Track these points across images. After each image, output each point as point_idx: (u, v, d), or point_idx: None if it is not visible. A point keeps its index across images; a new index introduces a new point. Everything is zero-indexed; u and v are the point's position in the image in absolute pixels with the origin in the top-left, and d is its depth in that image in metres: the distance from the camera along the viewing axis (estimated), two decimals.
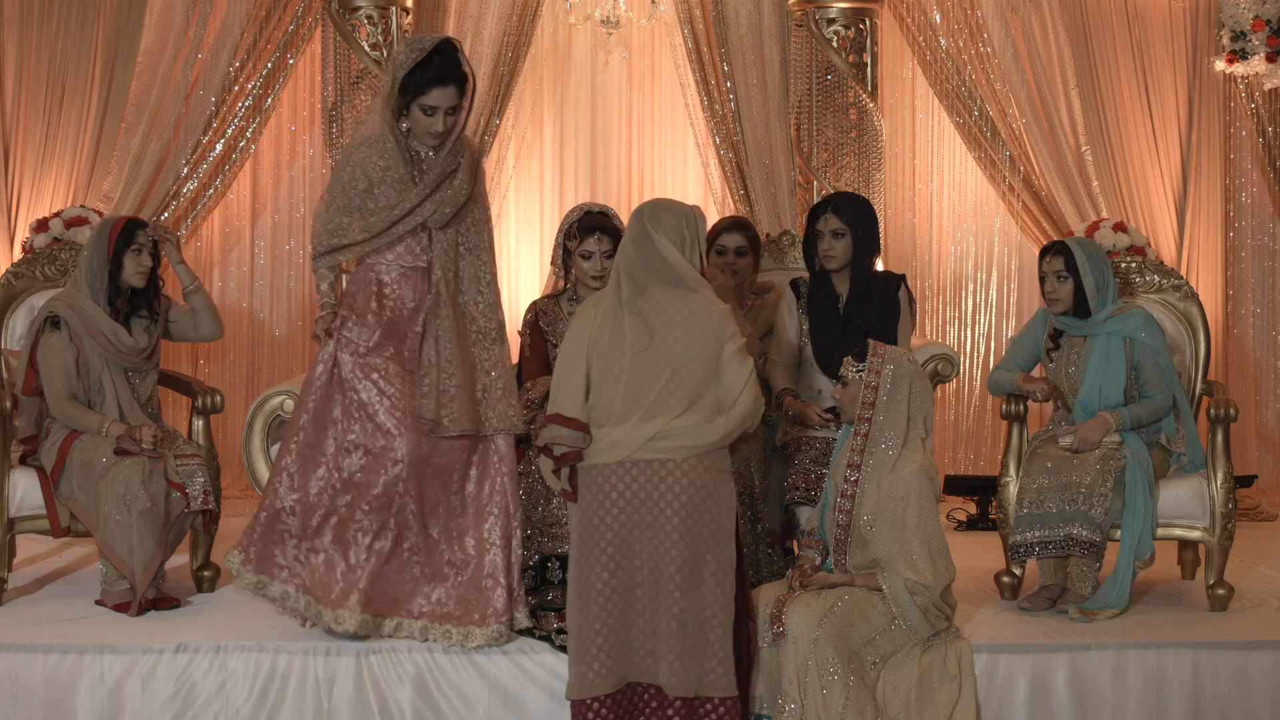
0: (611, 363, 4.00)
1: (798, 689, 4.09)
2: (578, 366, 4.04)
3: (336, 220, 4.54)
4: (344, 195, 4.52)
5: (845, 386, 4.36)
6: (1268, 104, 7.37)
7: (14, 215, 6.95)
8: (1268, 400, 7.65)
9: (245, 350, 7.56)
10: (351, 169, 4.52)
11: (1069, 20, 7.19)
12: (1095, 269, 5.06)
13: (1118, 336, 5.05)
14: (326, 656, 4.49)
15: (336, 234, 4.54)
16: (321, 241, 4.56)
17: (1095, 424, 4.96)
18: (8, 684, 4.44)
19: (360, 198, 4.53)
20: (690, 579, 3.96)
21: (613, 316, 4.04)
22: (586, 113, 7.67)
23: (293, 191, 7.53)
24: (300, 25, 7.07)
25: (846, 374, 4.36)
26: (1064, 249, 5.10)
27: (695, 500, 3.95)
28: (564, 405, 4.03)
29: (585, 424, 4.00)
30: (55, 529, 5.03)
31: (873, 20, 7.10)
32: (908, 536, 4.23)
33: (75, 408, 4.98)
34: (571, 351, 4.08)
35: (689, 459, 3.96)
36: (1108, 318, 5.06)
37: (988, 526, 6.59)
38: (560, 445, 4.02)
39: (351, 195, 4.52)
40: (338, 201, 4.53)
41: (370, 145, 4.52)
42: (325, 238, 4.55)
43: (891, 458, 4.28)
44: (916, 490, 4.23)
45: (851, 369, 4.34)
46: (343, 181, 4.52)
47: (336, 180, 4.55)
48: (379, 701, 4.47)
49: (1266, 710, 4.61)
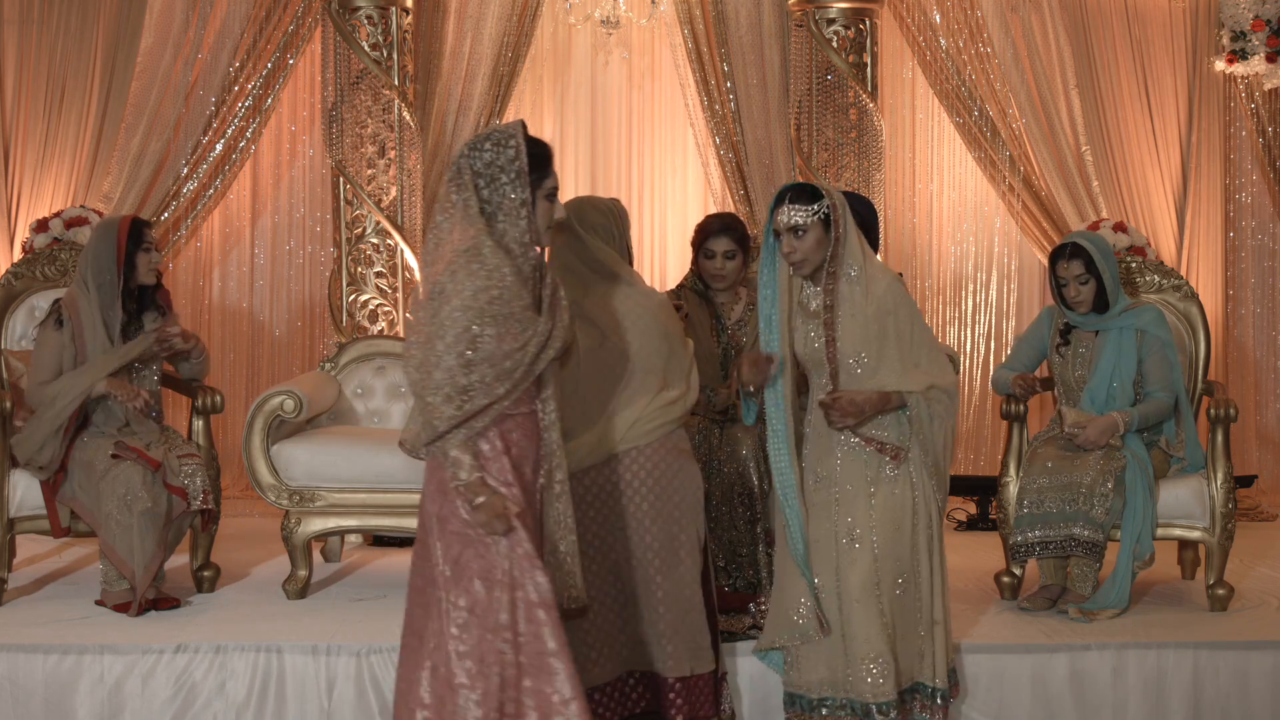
0: (567, 364, 3.97)
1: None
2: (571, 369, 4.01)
3: (464, 378, 3.33)
4: (473, 345, 3.33)
5: (804, 234, 3.95)
6: (1268, 104, 7.37)
7: (14, 215, 6.95)
8: (1268, 400, 7.65)
9: (245, 350, 7.56)
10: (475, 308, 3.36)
11: (1069, 20, 7.19)
12: (1109, 264, 5.08)
13: (1130, 330, 5.06)
14: (327, 657, 4.49)
15: (470, 393, 3.34)
16: (445, 413, 3.33)
17: (1105, 426, 4.95)
18: (8, 684, 4.44)
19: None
20: (668, 560, 3.99)
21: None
22: (586, 113, 7.67)
23: (293, 191, 7.54)
24: (300, 25, 7.07)
25: (800, 220, 3.94)
26: (1080, 251, 5.06)
27: (663, 483, 4.00)
28: None
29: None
30: (55, 529, 5.04)
31: (873, 20, 7.10)
32: (908, 347, 4.02)
33: (52, 385, 4.94)
34: None
35: (652, 444, 4.00)
36: (1121, 312, 5.08)
37: (988, 526, 6.59)
38: None
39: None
40: (464, 354, 3.34)
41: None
42: (454, 404, 3.34)
43: (858, 282, 4.00)
44: (898, 299, 4.02)
45: (804, 212, 3.94)
46: (460, 326, 3.33)
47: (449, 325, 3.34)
48: (379, 701, 4.47)
49: (1266, 710, 4.61)
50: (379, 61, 6.75)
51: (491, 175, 3.39)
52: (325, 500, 5.22)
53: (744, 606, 4.66)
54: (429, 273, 3.39)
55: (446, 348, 3.28)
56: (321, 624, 4.77)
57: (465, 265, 3.31)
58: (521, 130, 3.44)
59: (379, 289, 6.85)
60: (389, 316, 6.84)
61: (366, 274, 6.84)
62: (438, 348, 3.28)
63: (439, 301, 3.31)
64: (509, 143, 3.40)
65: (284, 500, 5.22)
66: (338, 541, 5.89)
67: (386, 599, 5.16)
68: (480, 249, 3.33)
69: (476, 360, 3.30)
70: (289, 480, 5.21)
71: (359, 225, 6.84)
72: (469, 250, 3.33)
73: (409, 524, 5.25)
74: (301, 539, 5.20)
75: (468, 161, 3.41)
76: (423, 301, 3.36)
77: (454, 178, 3.43)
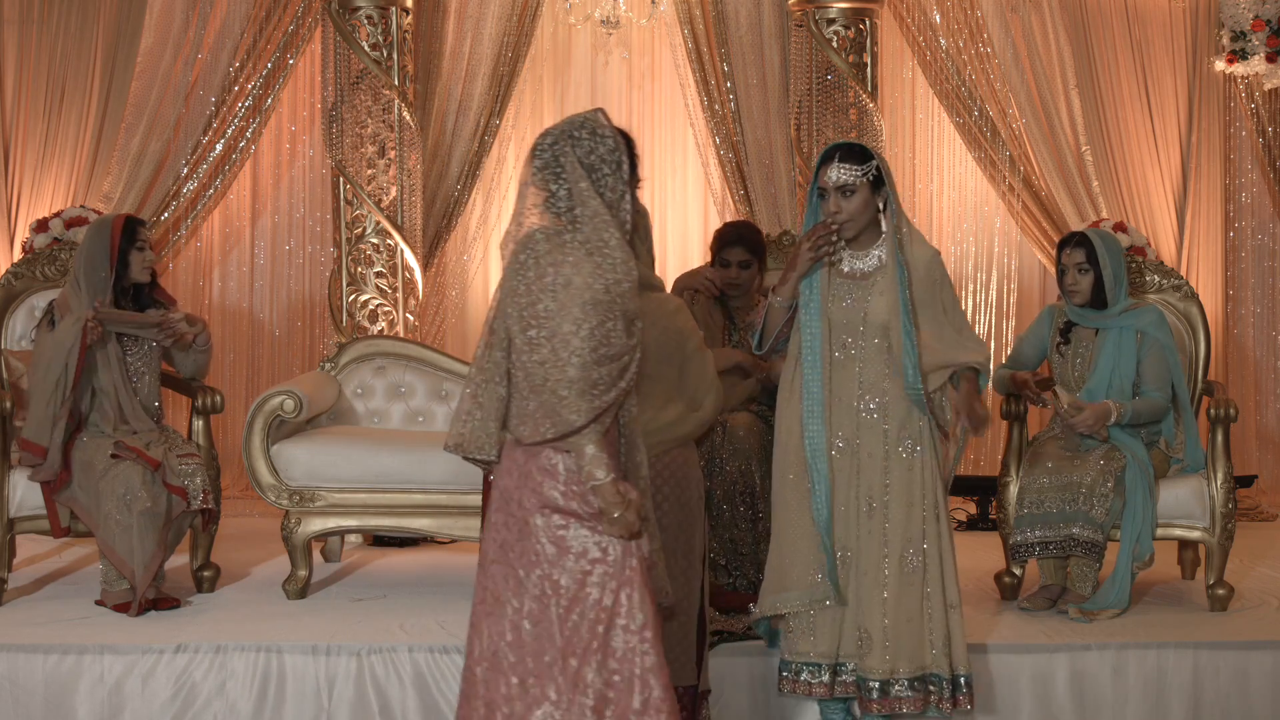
0: None
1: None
2: None
3: (595, 372, 3.22)
4: (605, 340, 3.23)
5: (852, 194, 3.91)
6: (1268, 104, 7.37)
7: (14, 215, 6.95)
8: (1268, 400, 7.65)
9: (245, 350, 7.56)
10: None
11: (1069, 20, 7.18)
12: (1114, 261, 5.10)
13: (1130, 330, 5.07)
14: (327, 656, 4.49)
15: (600, 388, 3.25)
16: (581, 406, 3.20)
17: (1100, 411, 4.95)
18: (8, 684, 4.44)
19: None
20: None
21: None
22: None
23: (293, 191, 7.54)
24: (300, 25, 7.06)
25: (849, 179, 3.90)
26: (1085, 241, 5.13)
27: (665, 490, 3.96)
28: None
29: None
30: (55, 529, 5.03)
31: (873, 20, 7.10)
32: (957, 320, 4.03)
33: (41, 347, 4.95)
34: None
35: (659, 455, 3.94)
36: (1122, 312, 5.09)
37: (988, 526, 6.58)
38: None
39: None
40: (598, 349, 3.24)
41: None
42: (588, 399, 3.20)
43: (904, 245, 3.98)
44: (942, 272, 4.02)
45: (855, 171, 3.91)
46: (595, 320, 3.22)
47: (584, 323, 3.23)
48: (379, 701, 4.47)
49: (1266, 710, 4.61)
50: (379, 61, 6.74)
51: (592, 165, 3.29)
52: (325, 500, 5.22)
53: (744, 606, 4.64)
54: (540, 263, 3.24)
55: (581, 341, 3.17)
56: (321, 624, 4.77)
57: (591, 258, 3.22)
58: (609, 120, 3.35)
59: (379, 289, 6.84)
60: (389, 316, 6.84)
61: (366, 274, 6.84)
62: (572, 342, 3.17)
63: (567, 294, 3.19)
64: (604, 133, 3.31)
65: (284, 500, 5.22)
66: (338, 541, 5.89)
67: (386, 599, 5.16)
68: (608, 242, 3.24)
69: (607, 356, 3.21)
70: (289, 480, 5.21)
71: (359, 225, 6.84)
72: (596, 243, 3.24)
73: (409, 524, 5.27)
74: (301, 539, 5.20)
75: (568, 149, 3.28)
76: (541, 290, 3.22)
77: (548, 166, 3.29)
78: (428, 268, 7.08)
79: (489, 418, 3.31)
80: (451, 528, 5.25)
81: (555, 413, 3.18)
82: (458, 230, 7.24)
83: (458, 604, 5.00)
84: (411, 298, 6.90)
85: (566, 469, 3.26)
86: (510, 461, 3.32)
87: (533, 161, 3.32)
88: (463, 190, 7.14)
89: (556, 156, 3.29)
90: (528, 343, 3.22)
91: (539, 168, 3.31)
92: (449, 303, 7.29)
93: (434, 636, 4.61)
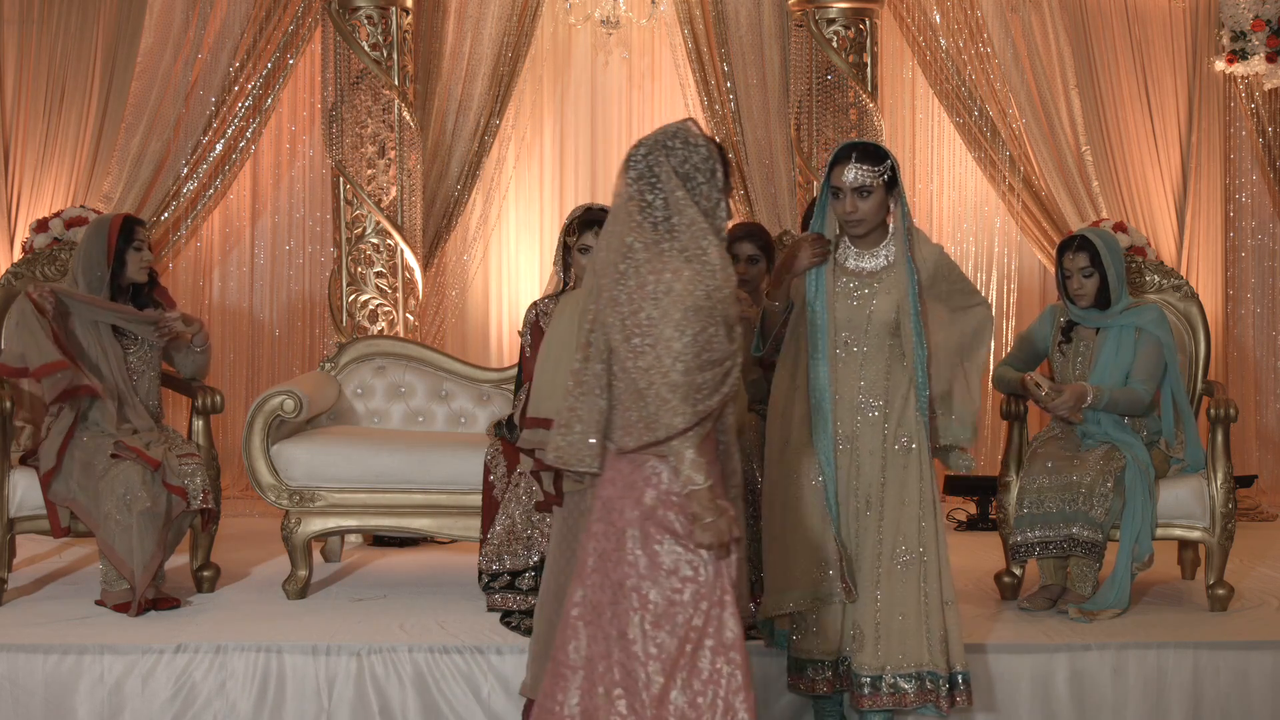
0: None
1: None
2: (566, 369, 3.76)
3: (698, 376, 3.26)
4: (708, 346, 3.29)
5: (869, 195, 3.92)
6: (1268, 104, 7.37)
7: (14, 215, 6.95)
8: (1268, 400, 7.65)
9: (245, 350, 7.56)
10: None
11: (1069, 20, 7.18)
12: (1116, 261, 5.10)
13: (1130, 329, 5.07)
14: (327, 656, 4.49)
15: (703, 392, 3.27)
16: (684, 410, 3.23)
17: (1077, 392, 4.94)
18: (8, 684, 4.44)
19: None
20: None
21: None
22: (586, 113, 7.67)
23: (293, 191, 7.54)
24: (300, 25, 7.06)
25: (867, 180, 3.92)
26: (1087, 244, 5.11)
27: None
28: (558, 409, 3.75)
29: None
30: (55, 529, 5.03)
31: (873, 20, 7.10)
32: (958, 291, 4.06)
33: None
34: (556, 352, 3.91)
35: None
36: (1123, 310, 5.09)
37: (988, 526, 6.58)
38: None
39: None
40: (701, 354, 3.28)
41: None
42: (690, 403, 3.24)
43: (914, 243, 4.01)
44: (949, 264, 4.05)
45: (871, 172, 3.93)
46: (698, 326, 3.27)
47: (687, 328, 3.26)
48: (379, 701, 4.47)
49: (1266, 710, 4.61)
50: (379, 61, 6.74)
51: (687, 174, 3.31)
52: (325, 500, 5.22)
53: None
54: (640, 272, 3.25)
55: (684, 347, 3.19)
56: (321, 624, 4.77)
57: (690, 265, 3.25)
58: (700, 129, 3.37)
59: (379, 289, 6.84)
60: (389, 316, 6.84)
61: (366, 274, 6.84)
62: (674, 347, 3.19)
63: (669, 301, 3.21)
64: (697, 142, 3.33)
65: (284, 500, 5.22)
66: (338, 541, 5.89)
67: (386, 599, 5.16)
68: (706, 250, 3.27)
69: (709, 361, 3.24)
70: (289, 480, 5.21)
71: (359, 225, 6.84)
72: (695, 250, 3.27)
73: (409, 524, 5.27)
74: (301, 539, 5.20)
75: (663, 159, 3.30)
76: (643, 298, 3.24)
77: (643, 177, 3.31)
78: (428, 268, 7.08)
79: (589, 431, 3.33)
80: (451, 528, 5.25)
81: (657, 417, 3.19)
82: (458, 230, 7.24)
83: (458, 604, 5.01)
84: (411, 298, 6.90)
85: (669, 480, 3.27)
86: (614, 471, 3.34)
87: (627, 173, 3.34)
88: (463, 190, 7.14)
89: (651, 166, 3.31)
90: (631, 351, 3.24)
91: (634, 178, 3.32)
92: (449, 303, 7.30)
93: (434, 636, 4.61)
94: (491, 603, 4.83)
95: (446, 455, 5.23)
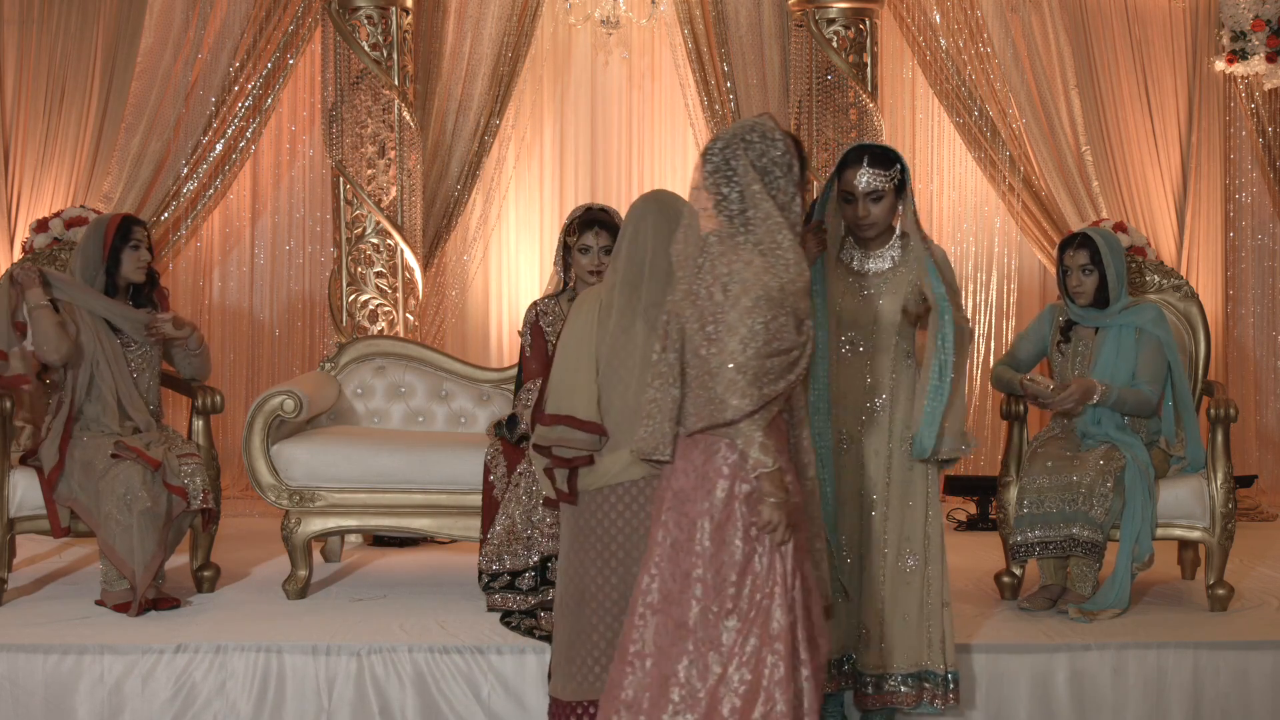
0: (619, 367, 3.78)
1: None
2: (586, 366, 3.81)
3: (767, 363, 3.35)
4: (777, 335, 3.36)
5: (880, 199, 3.97)
6: (1268, 104, 7.37)
7: (14, 215, 6.95)
8: (1268, 400, 7.65)
9: (245, 350, 7.56)
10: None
11: (1069, 20, 7.18)
12: (1116, 260, 5.09)
13: (1129, 328, 5.07)
14: (327, 656, 4.49)
15: (769, 376, 3.36)
16: (752, 393, 3.31)
17: (1085, 388, 4.94)
18: (8, 684, 4.44)
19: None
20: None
21: (621, 318, 3.78)
22: (586, 113, 7.67)
23: (293, 191, 7.54)
24: (300, 25, 7.07)
25: (880, 184, 3.95)
26: (1088, 241, 5.10)
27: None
28: (576, 407, 3.80)
29: (601, 426, 3.79)
30: (55, 529, 5.03)
31: (873, 20, 7.10)
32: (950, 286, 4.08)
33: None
34: (575, 349, 3.85)
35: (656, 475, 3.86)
36: (1122, 310, 5.09)
37: (988, 526, 6.59)
38: (571, 449, 3.80)
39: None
40: (770, 342, 3.36)
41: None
42: (757, 386, 3.32)
43: (920, 244, 4.06)
44: (951, 272, 4.10)
45: (884, 176, 3.97)
46: (768, 314, 3.34)
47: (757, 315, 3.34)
48: (379, 701, 4.47)
49: (1266, 710, 4.61)
50: (379, 61, 6.74)
51: (764, 168, 3.38)
52: (325, 500, 5.22)
53: None
54: (715, 265, 3.35)
55: (753, 333, 3.28)
56: (321, 624, 4.77)
57: (764, 257, 3.32)
58: (778, 124, 3.45)
59: (379, 289, 6.84)
60: (389, 316, 6.84)
61: (366, 274, 6.84)
62: (741, 331, 3.28)
63: (740, 289, 3.29)
64: (775, 136, 3.40)
65: (284, 500, 5.22)
66: (338, 541, 5.89)
67: (386, 599, 5.16)
68: (781, 244, 3.34)
69: (778, 349, 3.32)
70: (289, 480, 5.21)
71: (359, 225, 6.84)
72: (769, 244, 3.34)
73: (409, 524, 5.26)
74: (301, 539, 5.20)
75: (740, 153, 3.38)
76: (715, 287, 3.33)
77: (719, 170, 3.39)
78: (428, 268, 7.08)
79: (664, 418, 3.45)
80: (451, 528, 5.25)
81: (725, 400, 3.27)
82: (458, 230, 7.24)
83: (458, 604, 5.01)
84: (411, 298, 6.90)
85: (740, 472, 3.33)
86: (687, 463, 3.40)
87: (703, 166, 3.41)
88: (463, 190, 7.14)
89: (728, 160, 3.38)
90: (705, 338, 3.33)
91: (710, 172, 3.40)
92: (449, 303, 7.30)
93: (434, 636, 4.61)
94: (491, 603, 4.83)
95: (446, 455, 5.23)
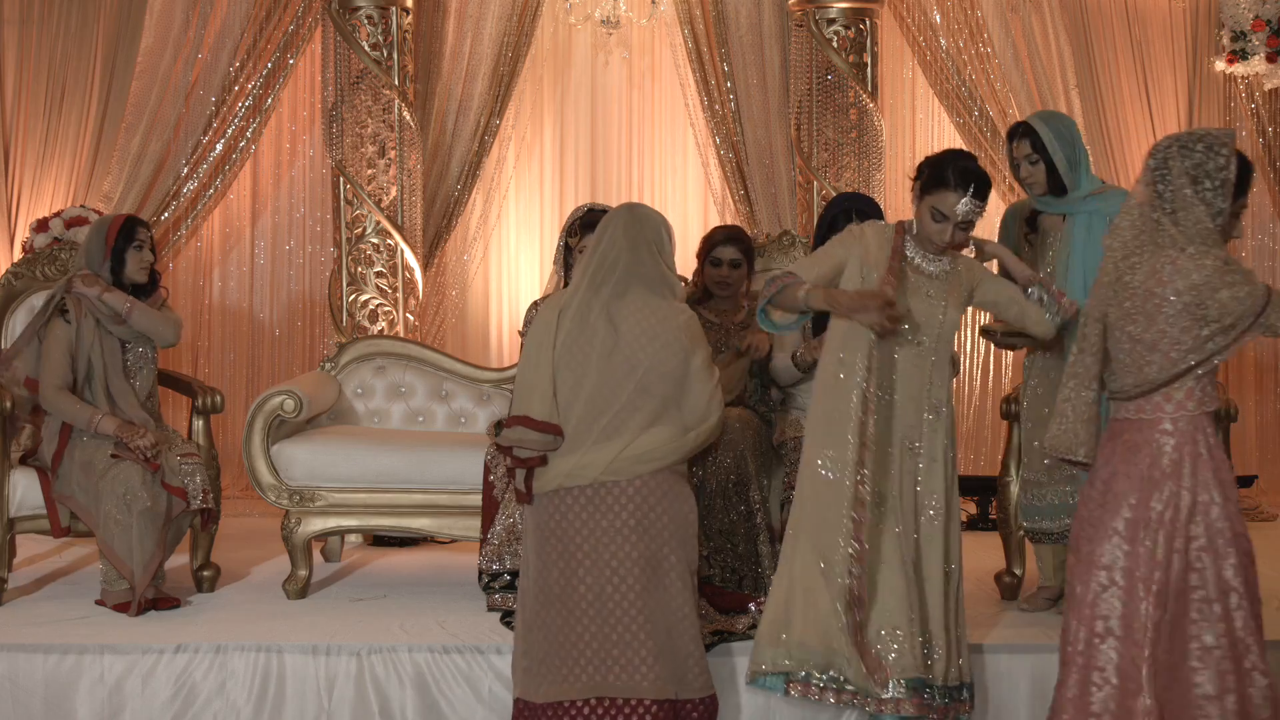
0: (575, 363, 3.92)
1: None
2: (543, 368, 3.96)
3: (1197, 329, 3.74)
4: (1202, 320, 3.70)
5: (969, 229, 4.12)
6: (1268, 104, 7.37)
7: (14, 215, 6.96)
8: (1268, 400, 7.65)
9: (245, 350, 7.56)
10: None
11: (1069, 20, 7.19)
12: (1064, 145, 4.82)
13: (1100, 215, 4.77)
14: (327, 656, 4.49)
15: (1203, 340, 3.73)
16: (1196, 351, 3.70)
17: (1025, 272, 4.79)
18: (8, 684, 4.44)
19: None
20: (648, 581, 3.89)
21: (579, 314, 3.95)
22: (586, 113, 7.67)
23: (293, 191, 7.54)
24: (300, 25, 7.07)
25: (976, 217, 4.08)
26: (1029, 130, 4.86)
27: (650, 502, 3.92)
28: (532, 407, 3.95)
29: (557, 426, 3.93)
30: (55, 529, 5.04)
31: (873, 20, 7.10)
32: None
33: (67, 399, 4.96)
34: (534, 354, 4.00)
35: (637, 479, 3.91)
36: (1088, 195, 4.83)
37: (988, 526, 6.58)
38: (527, 449, 3.95)
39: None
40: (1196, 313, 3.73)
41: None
42: (1200, 350, 3.72)
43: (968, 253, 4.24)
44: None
45: (981, 208, 4.07)
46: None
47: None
48: (379, 701, 4.47)
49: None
50: (379, 61, 6.75)
51: (1197, 176, 3.62)
52: (325, 500, 5.22)
53: (743, 606, 4.64)
54: (1132, 255, 3.67)
55: (1177, 309, 3.58)
56: (321, 624, 4.77)
57: (1184, 253, 3.60)
58: (1232, 140, 3.67)
59: (379, 289, 6.85)
60: (389, 316, 6.85)
61: (366, 274, 6.84)
62: (1165, 308, 3.59)
63: (1170, 272, 3.59)
64: (1219, 151, 3.63)
65: (284, 500, 5.22)
66: (338, 541, 5.89)
67: (386, 599, 5.16)
68: (1207, 250, 3.59)
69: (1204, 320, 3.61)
70: (289, 480, 5.22)
71: (359, 225, 6.85)
72: (1191, 248, 3.60)
73: (409, 524, 5.27)
74: (301, 539, 5.20)
75: (1178, 158, 3.63)
76: (1130, 271, 3.67)
77: (1158, 169, 3.66)
78: (428, 268, 7.09)
79: (1078, 420, 3.69)
80: (451, 528, 5.25)
81: (1169, 355, 3.59)
82: (458, 230, 7.24)
83: (458, 604, 5.01)
84: (411, 298, 6.91)
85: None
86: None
87: (1148, 161, 3.69)
88: (463, 190, 7.14)
89: (1166, 160, 3.65)
90: (1123, 315, 3.66)
91: (1151, 168, 3.68)
92: (449, 303, 7.30)
93: (434, 636, 4.61)
94: (491, 603, 4.84)
95: (446, 455, 5.23)
